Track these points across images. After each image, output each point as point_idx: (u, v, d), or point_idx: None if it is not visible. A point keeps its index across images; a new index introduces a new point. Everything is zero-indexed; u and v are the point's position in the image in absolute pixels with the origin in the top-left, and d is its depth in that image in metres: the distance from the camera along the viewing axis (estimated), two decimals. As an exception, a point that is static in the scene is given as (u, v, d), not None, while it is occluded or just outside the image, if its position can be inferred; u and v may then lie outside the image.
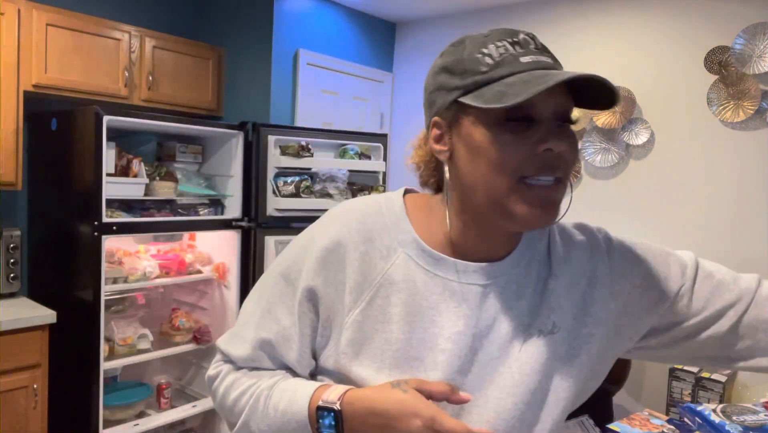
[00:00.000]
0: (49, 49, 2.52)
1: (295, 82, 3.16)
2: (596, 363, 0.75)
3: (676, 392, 1.90)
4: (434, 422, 0.63)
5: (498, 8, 3.37)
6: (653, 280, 0.76)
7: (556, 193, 0.68)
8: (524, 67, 0.65)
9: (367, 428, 0.67)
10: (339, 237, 0.75)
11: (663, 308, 0.75)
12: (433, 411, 0.64)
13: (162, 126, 2.63)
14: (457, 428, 0.62)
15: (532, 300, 0.74)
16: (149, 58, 2.87)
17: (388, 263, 0.74)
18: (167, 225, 2.71)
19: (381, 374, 0.71)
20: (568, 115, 0.68)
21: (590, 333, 0.74)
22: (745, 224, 2.58)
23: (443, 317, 0.72)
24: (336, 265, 0.74)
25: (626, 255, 0.78)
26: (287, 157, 2.84)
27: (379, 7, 3.49)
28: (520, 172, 0.66)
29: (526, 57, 0.66)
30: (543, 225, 0.69)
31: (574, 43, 3.11)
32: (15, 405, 2.29)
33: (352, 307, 0.73)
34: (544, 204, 0.67)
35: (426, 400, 0.65)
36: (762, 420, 1.31)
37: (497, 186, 0.67)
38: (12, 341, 2.26)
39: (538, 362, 0.71)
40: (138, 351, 2.62)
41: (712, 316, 0.74)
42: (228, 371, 0.82)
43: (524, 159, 0.65)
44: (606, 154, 2.99)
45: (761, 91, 2.53)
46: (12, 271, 2.56)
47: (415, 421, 0.63)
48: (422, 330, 0.72)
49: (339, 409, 0.68)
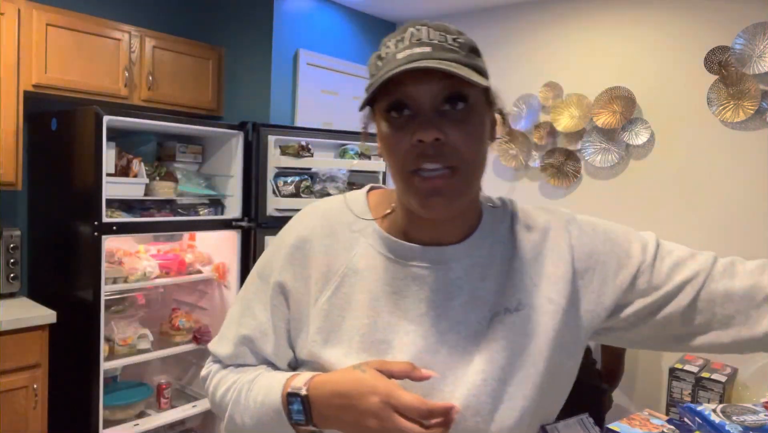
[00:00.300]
0: (49, 49, 2.52)
1: (295, 82, 3.16)
2: (565, 339, 0.76)
3: (676, 392, 1.90)
4: (390, 397, 0.64)
5: (498, 8, 3.37)
6: (615, 256, 0.78)
7: (447, 181, 0.68)
8: (398, 63, 0.67)
9: (331, 409, 0.69)
10: (305, 234, 0.80)
11: (625, 284, 0.77)
12: (390, 388, 0.65)
13: (162, 126, 2.63)
14: (413, 401, 0.64)
15: (497, 280, 0.76)
16: (149, 58, 2.87)
17: (351, 253, 0.78)
18: (167, 225, 2.71)
19: (349, 358, 0.73)
20: (454, 99, 0.68)
21: (555, 309, 0.75)
22: (745, 224, 2.58)
23: (407, 301, 0.75)
24: (302, 260, 0.79)
25: (588, 233, 0.80)
26: (287, 157, 2.84)
27: (379, 7, 3.49)
28: (407, 164, 0.68)
29: (402, 53, 0.68)
30: (435, 215, 0.71)
31: (574, 43, 3.11)
32: (15, 405, 2.29)
33: (319, 297, 0.77)
34: (432, 193, 0.68)
35: (384, 378, 0.67)
36: (762, 420, 1.31)
37: (397, 178, 0.71)
38: (12, 341, 2.26)
39: (506, 339, 0.73)
40: (138, 351, 2.62)
41: (672, 291, 0.76)
42: (216, 370, 0.85)
43: (407, 151, 0.68)
44: (606, 154, 2.99)
45: (761, 91, 2.53)
46: (12, 271, 2.56)
47: (373, 398, 0.65)
48: (387, 314, 0.75)
49: (305, 394, 0.71)
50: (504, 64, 3.35)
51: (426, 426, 0.64)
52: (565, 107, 3.10)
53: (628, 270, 0.77)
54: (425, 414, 0.64)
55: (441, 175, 0.67)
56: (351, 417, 0.67)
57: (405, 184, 0.70)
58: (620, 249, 0.78)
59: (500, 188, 3.35)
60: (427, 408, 0.64)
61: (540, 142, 3.21)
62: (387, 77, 0.65)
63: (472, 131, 0.69)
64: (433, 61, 0.66)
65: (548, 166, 3.19)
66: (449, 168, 0.68)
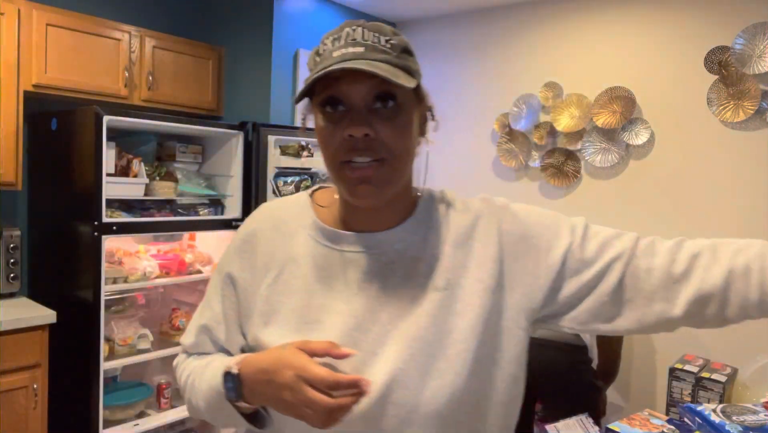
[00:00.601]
0: (49, 49, 2.52)
1: (295, 82, 3.16)
2: (498, 319, 0.78)
3: (676, 392, 1.90)
4: (302, 371, 0.69)
5: (498, 8, 3.37)
6: (545, 239, 0.81)
7: (376, 172, 0.73)
8: (332, 62, 0.71)
9: (257, 385, 0.74)
10: (253, 227, 0.88)
11: (557, 264, 0.80)
12: (303, 362, 0.69)
13: (162, 126, 2.63)
14: (322, 374, 0.68)
15: (428, 262, 0.80)
16: (149, 58, 2.87)
17: (291, 243, 0.84)
18: (167, 225, 2.71)
19: (284, 339, 0.77)
20: (384, 97, 0.73)
21: (483, 288, 0.78)
22: (745, 224, 2.58)
23: (339, 283, 0.80)
24: (249, 252, 0.86)
25: (520, 218, 0.84)
26: (287, 157, 2.84)
27: (379, 7, 3.49)
28: (339, 156, 0.74)
29: (337, 51, 0.72)
30: (364, 202, 0.76)
31: (574, 43, 3.11)
32: (15, 405, 2.29)
33: (261, 284, 0.83)
34: (361, 182, 0.74)
35: (300, 354, 0.71)
36: (762, 420, 1.31)
37: (330, 168, 0.77)
38: (12, 341, 2.26)
39: (433, 316, 0.77)
40: (138, 351, 2.62)
41: (603, 268, 0.79)
42: (183, 360, 0.93)
43: (339, 144, 0.73)
44: (606, 154, 2.99)
45: (761, 91, 2.54)
46: (12, 271, 2.56)
47: (288, 372, 0.69)
48: (321, 296, 0.80)
49: (236, 372, 0.76)
50: (504, 64, 3.35)
51: (335, 397, 0.68)
52: (565, 107, 3.10)
53: (559, 251, 0.80)
54: (333, 386, 0.68)
55: (369, 166, 0.73)
56: (271, 391, 0.72)
57: (337, 173, 0.76)
58: (550, 232, 0.82)
59: (500, 188, 3.36)
60: (334, 380, 0.67)
61: (540, 142, 3.21)
62: (317, 76, 0.70)
63: (401, 127, 0.75)
64: (363, 62, 0.70)
65: (548, 166, 3.19)
66: (378, 160, 0.73)
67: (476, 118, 3.44)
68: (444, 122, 0.85)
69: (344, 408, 0.68)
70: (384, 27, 0.75)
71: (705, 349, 2.60)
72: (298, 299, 0.80)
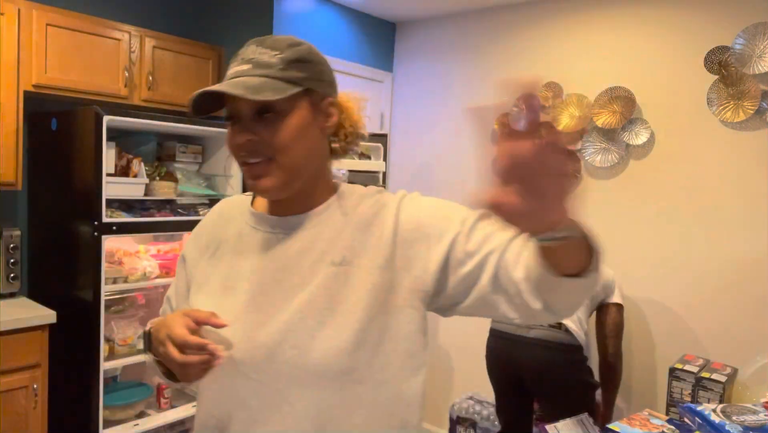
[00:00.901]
0: (49, 49, 2.52)
1: (295, 82, 3.15)
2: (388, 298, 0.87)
3: (676, 392, 1.90)
4: (169, 330, 0.83)
5: (498, 8, 3.37)
6: (438, 228, 0.89)
7: (266, 168, 0.87)
8: (226, 79, 0.87)
9: (154, 341, 0.90)
10: (206, 218, 1.07)
11: (445, 251, 0.87)
12: (172, 323, 0.83)
13: (162, 126, 2.63)
14: (178, 334, 0.81)
15: (331, 241, 0.91)
16: (149, 58, 2.87)
17: (228, 226, 1.00)
18: (167, 225, 2.71)
19: (207, 303, 0.92)
20: (264, 109, 0.85)
21: (373, 267, 0.88)
22: (745, 224, 2.58)
23: (254, 256, 0.94)
24: (199, 235, 1.05)
25: (417, 208, 0.93)
26: (287, 157, 2.84)
27: (379, 7, 3.49)
28: (238, 159, 0.89)
29: (232, 68, 0.88)
30: (265, 193, 0.90)
31: (573, 43, 3.11)
32: (15, 405, 2.29)
33: (201, 260, 1.00)
34: (256, 177, 0.88)
35: (180, 318, 0.84)
36: (762, 420, 1.31)
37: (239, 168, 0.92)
38: (12, 341, 2.27)
39: (328, 288, 0.87)
40: (138, 351, 2.62)
41: (483, 258, 0.85)
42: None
43: (236, 149, 0.89)
44: (606, 154, 2.99)
45: (761, 91, 2.53)
46: (12, 271, 2.56)
47: (164, 330, 0.84)
48: (238, 267, 0.94)
49: (148, 331, 0.94)
50: (503, 64, 3.35)
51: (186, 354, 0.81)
52: (565, 107, 3.10)
53: (447, 239, 0.88)
54: (182, 345, 0.81)
55: (260, 164, 0.87)
56: (155, 346, 0.88)
57: (242, 172, 0.92)
58: (443, 221, 0.90)
59: (500, 188, 3.35)
60: (183, 340, 0.81)
61: (540, 142, 3.20)
62: (197, 94, 0.84)
63: (284, 130, 0.86)
64: (231, 82, 0.84)
65: (548, 166, 3.18)
66: (268, 159, 0.87)
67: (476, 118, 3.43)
68: (444, 122, 0.86)
69: (192, 365, 0.81)
70: (281, 41, 0.88)
71: (705, 349, 2.60)
72: (222, 269, 0.95)
